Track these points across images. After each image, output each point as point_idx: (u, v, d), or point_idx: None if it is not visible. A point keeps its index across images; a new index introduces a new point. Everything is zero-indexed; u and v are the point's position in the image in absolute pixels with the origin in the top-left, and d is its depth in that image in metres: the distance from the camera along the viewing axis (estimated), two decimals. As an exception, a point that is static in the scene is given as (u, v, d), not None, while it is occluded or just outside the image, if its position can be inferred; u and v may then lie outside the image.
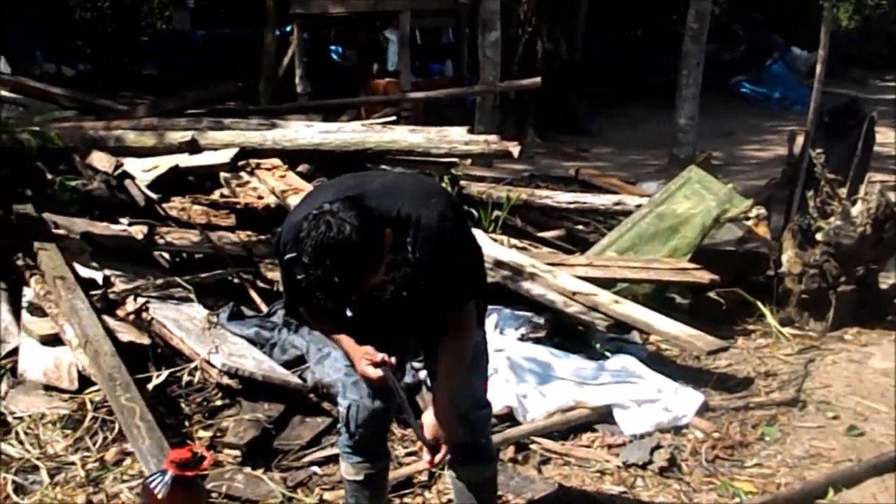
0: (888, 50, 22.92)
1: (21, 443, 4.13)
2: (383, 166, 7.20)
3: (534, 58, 14.76)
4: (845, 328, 6.04)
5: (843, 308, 6.04)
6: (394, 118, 7.56)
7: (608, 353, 5.29)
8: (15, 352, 4.73)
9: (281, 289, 5.23)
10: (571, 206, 7.33)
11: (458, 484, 3.32)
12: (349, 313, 3.00)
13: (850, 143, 7.93)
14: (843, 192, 6.29)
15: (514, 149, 6.15)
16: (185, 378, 4.60)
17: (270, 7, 13.37)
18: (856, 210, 6.07)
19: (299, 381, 4.61)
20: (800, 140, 7.41)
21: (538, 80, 8.96)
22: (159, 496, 3.18)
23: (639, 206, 6.76)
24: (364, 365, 2.92)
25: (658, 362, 5.31)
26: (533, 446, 4.40)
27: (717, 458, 4.37)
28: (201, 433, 4.33)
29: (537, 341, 5.25)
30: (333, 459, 4.18)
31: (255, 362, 4.61)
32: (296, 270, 2.64)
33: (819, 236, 6.05)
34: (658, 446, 4.40)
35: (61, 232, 5.48)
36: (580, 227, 7.67)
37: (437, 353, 2.97)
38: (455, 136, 6.44)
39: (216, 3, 19.33)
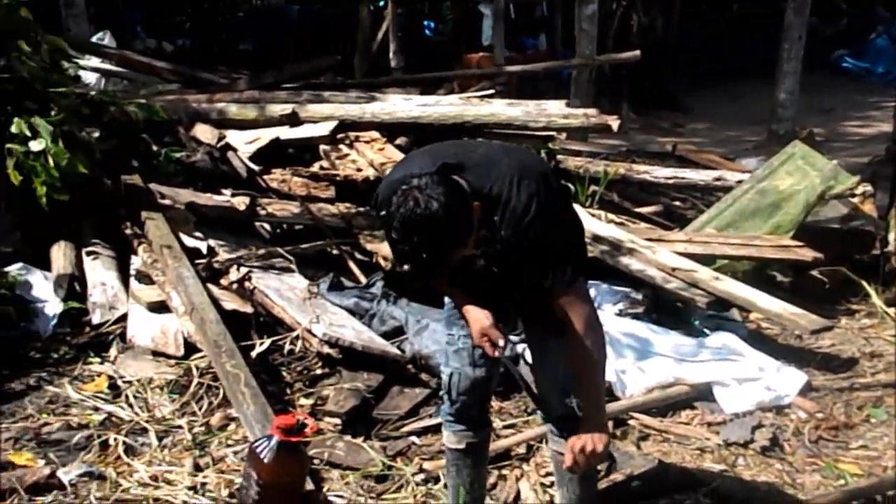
0: None
1: (130, 406, 4.27)
2: (480, 139, 7.22)
3: (628, 32, 14.55)
4: (953, 309, 5.85)
5: (951, 289, 5.86)
6: (492, 92, 7.54)
7: (707, 331, 5.22)
8: (124, 318, 4.87)
9: (380, 261, 5.36)
10: (670, 181, 7.22)
11: (558, 463, 3.31)
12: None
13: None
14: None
15: (614, 122, 6.09)
16: (287, 347, 4.69)
17: (365, -18, 13.44)
18: (968, 187, 5.87)
19: (398, 351, 4.66)
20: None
21: (637, 53, 8.85)
22: (265, 460, 3.26)
23: (740, 182, 6.63)
24: (481, 339, 2.94)
25: (759, 341, 5.22)
26: (631, 422, 4.37)
27: (820, 438, 4.28)
28: (302, 401, 4.41)
29: (635, 317, 5.21)
30: (432, 430, 4.23)
31: (354, 332, 4.67)
32: (388, 232, 2.68)
33: (928, 213, 5.86)
34: (759, 425, 4.34)
35: (167, 202, 5.61)
36: (677, 203, 7.56)
37: (537, 331, 2.98)
38: (553, 110, 6.40)
39: (311, -23, 19.46)
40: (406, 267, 2.76)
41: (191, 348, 4.67)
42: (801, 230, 6.07)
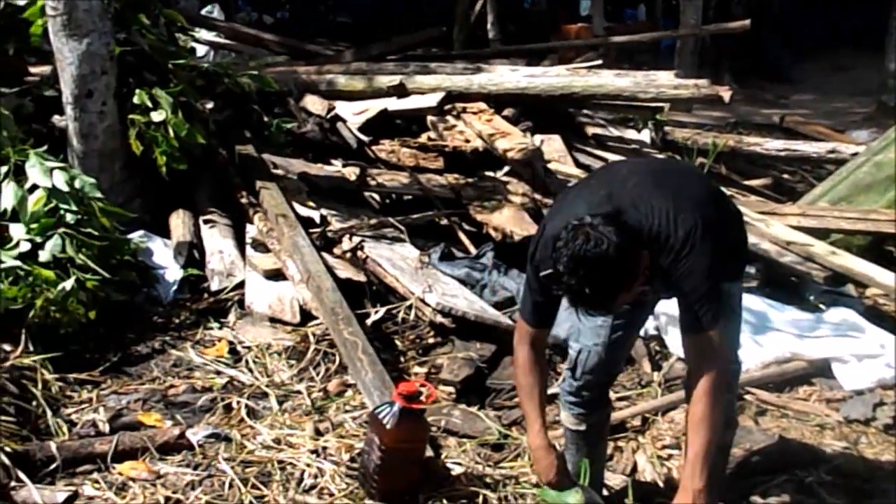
0: None
1: (251, 371, 4.36)
2: (586, 111, 7.18)
3: (729, 2, 14.26)
4: None
5: None
6: (599, 62, 7.47)
7: (822, 307, 5.11)
8: (241, 285, 4.97)
9: (490, 232, 5.37)
10: (781, 153, 7.08)
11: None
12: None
13: None
14: None
15: (725, 94, 5.98)
16: (400, 316, 4.74)
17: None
18: None
19: (511, 322, 4.66)
20: None
21: (747, 22, 8.64)
22: (388, 426, 3.30)
23: (854, 155, 6.46)
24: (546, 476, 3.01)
25: (877, 317, 5.08)
26: (748, 397, 4.32)
27: (947, 417, 4.18)
28: (416, 369, 4.46)
29: (748, 291, 5.12)
30: (548, 399, 4.24)
31: (467, 302, 4.70)
32: (550, 284, 2.70)
33: None
34: (881, 403, 4.25)
35: (279, 172, 5.71)
36: (786, 176, 7.41)
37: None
38: (663, 81, 6.31)
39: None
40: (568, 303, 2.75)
41: (306, 316, 4.74)
42: (920, 205, 5.90)
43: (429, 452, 3.59)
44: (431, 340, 4.67)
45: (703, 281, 2.74)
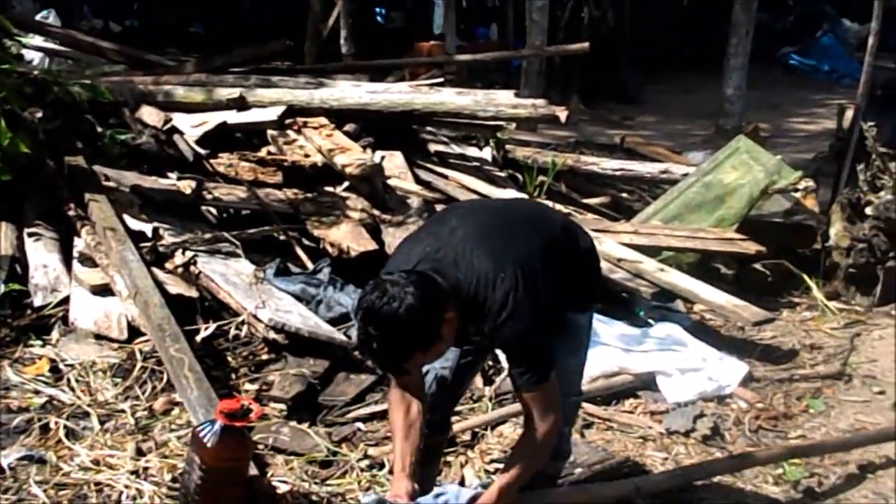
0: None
1: (72, 389, 4.19)
2: (429, 128, 7.22)
3: (579, 24, 14.63)
4: (892, 304, 5.98)
5: (890, 284, 5.97)
6: (441, 80, 7.53)
7: (651, 321, 5.28)
8: (66, 301, 4.78)
9: (327, 247, 5.33)
10: (617, 173, 7.30)
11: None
12: None
13: (901, 118, 7.83)
14: (894, 166, 6.20)
15: (562, 113, 6.12)
16: (232, 332, 4.65)
17: (316, -33, 13.33)
18: (907, 186, 5.99)
19: (345, 338, 4.65)
20: (849, 114, 7.29)
21: (586, 45, 8.87)
22: (208, 445, 3.22)
23: (685, 175, 6.72)
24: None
25: (702, 332, 5.30)
26: (576, 410, 4.41)
27: (760, 428, 4.37)
28: (247, 386, 4.38)
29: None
30: (377, 416, 4.24)
31: (301, 318, 4.65)
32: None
33: (869, 210, 5.98)
34: (701, 415, 4.41)
35: (111, 184, 5.53)
36: (625, 194, 7.63)
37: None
38: (502, 100, 6.41)
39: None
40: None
41: (134, 332, 4.60)
42: (744, 224, 6.18)
43: (254, 471, 3.53)
44: (264, 357, 4.59)
45: (523, 345, 2.77)
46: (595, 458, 3.86)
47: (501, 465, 3.17)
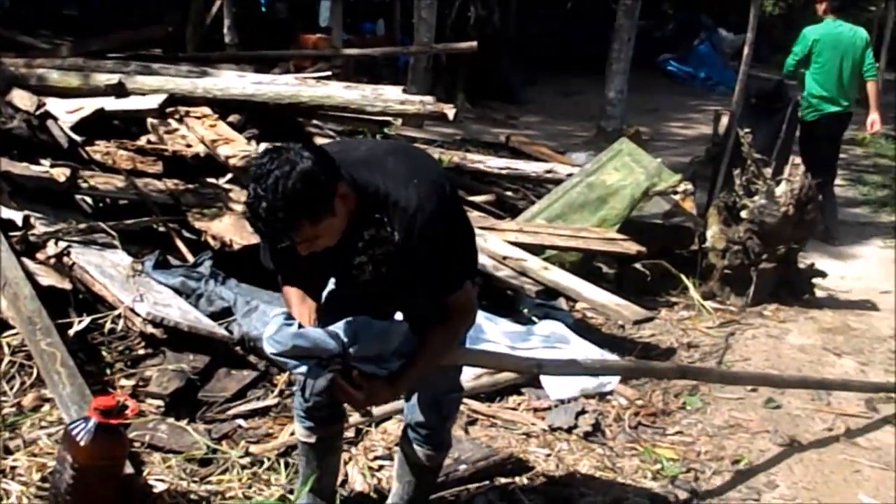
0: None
1: (-71, 386, 3.99)
2: (315, 121, 7.13)
3: (466, 23, 14.69)
4: (764, 304, 6.19)
5: (763, 285, 6.19)
6: (328, 74, 7.44)
7: (536, 319, 5.32)
8: (-75, 292, 4.54)
9: (209, 240, 5.20)
10: (503, 171, 7.34)
11: (404, 460, 3.29)
12: (331, 286, 2.96)
13: (775, 126, 8.14)
14: (767, 172, 6.43)
15: (450, 111, 6.12)
16: (108, 326, 4.48)
17: (200, -47, 13.03)
18: (780, 190, 6.20)
19: (226, 332, 4.53)
20: (724, 120, 7.50)
21: (474, 43, 8.91)
22: (81, 443, 3.09)
23: (569, 176, 6.80)
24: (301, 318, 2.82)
25: (584, 330, 5.37)
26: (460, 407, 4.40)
27: (640, 424, 4.44)
28: (123, 382, 4.22)
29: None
30: (259, 413, 4.17)
31: (180, 312, 4.51)
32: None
33: (744, 214, 6.17)
34: (583, 411, 4.46)
35: (-23, 170, 5.27)
36: (510, 193, 7.67)
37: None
38: (390, 95, 6.37)
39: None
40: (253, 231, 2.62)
41: (3, 326, 4.40)
42: (626, 224, 6.29)
43: (130, 469, 3.41)
44: (142, 352, 4.44)
45: (440, 244, 2.67)
46: (479, 455, 3.86)
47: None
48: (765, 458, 4.21)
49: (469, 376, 4.58)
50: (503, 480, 3.80)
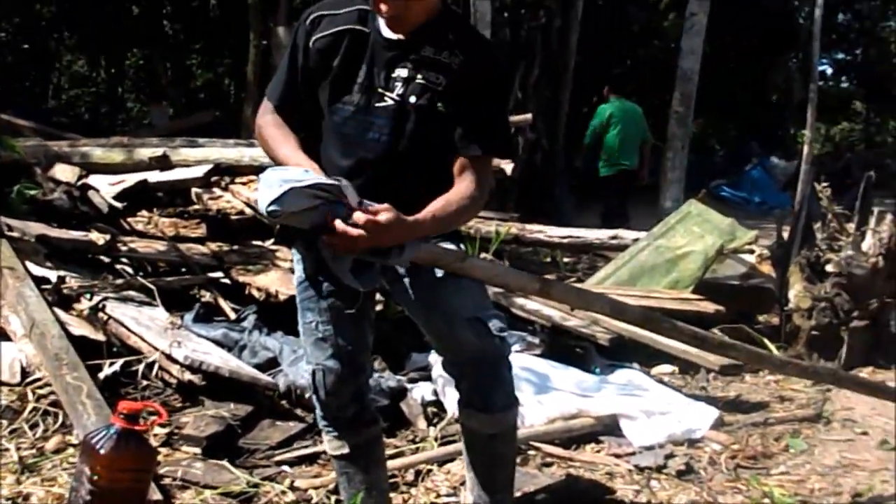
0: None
1: (-51, 429, 3.60)
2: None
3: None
4: (858, 369, 5.61)
5: (855, 346, 5.61)
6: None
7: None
8: (-48, 343, 4.20)
9: (253, 293, 4.85)
10: (564, 240, 6.94)
11: (468, 442, 2.79)
12: (339, 118, 2.56)
13: (848, 201, 7.69)
14: (850, 227, 5.97)
15: (508, 166, 5.83)
16: (142, 376, 4.08)
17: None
18: (866, 243, 5.73)
19: (270, 380, 4.11)
20: (786, 228, 7.02)
21: (529, 116, 8.69)
22: (101, 451, 2.68)
23: (636, 241, 6.39)
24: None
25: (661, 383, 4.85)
26: (532, 452, 3.89)
27: (738, 466, 3.88)
28: (157, 430, 3.79)
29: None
30: (306, 460, 3.69)
31: (221, 359, 4.12)
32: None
33: (829, 267, 5.67)
34: (671, 455, 3.92)
35: (15, 234, 5.02)
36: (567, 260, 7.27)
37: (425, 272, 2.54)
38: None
39: None
40: None
41: (28, 377, 4.03)
42: (700, 287, 5.84)
43: (157, 496, 2.97)
44: (178, 405, 4.03)
45: (498, 95, 2.53)
46: (558, 484, 3.36)
47: None
48: (889, 492, 3.62)
49: (541, 420, 4.11)
50: (588, 512, 3.27)
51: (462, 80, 2.44)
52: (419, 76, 2.45)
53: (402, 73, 2.46)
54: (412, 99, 2.46)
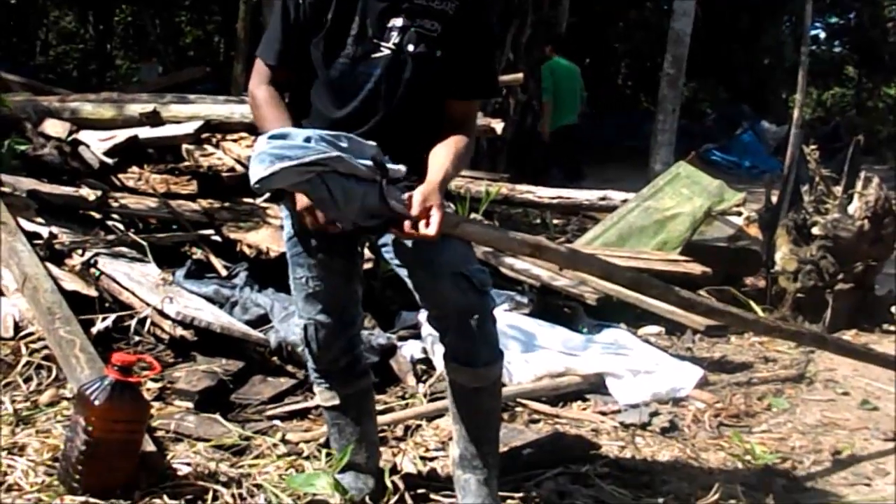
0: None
1: (-57, 381, 3.63)
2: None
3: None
4: (842, 331, 5.68)
5: (840, 309, 5.69)
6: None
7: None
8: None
9: (244, 249, 4.88)
10: (553, 201, 6.97)
11: (453, 393, 2.82)
12: (334, 71, 2.59)
13: (838, 165, 7.72)
14: (837, 189, 6.02)
15: (498, 125, 5.86)
16: (133, 334, 4.12)
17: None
18: (853, 206, 5.78)
19: (261, 336, 4.15)
20: (775, 192, 7.06)
21: (520, 75, 8.68)
22: (96, 402, 2.72)
23: (624, 202, 6.43)
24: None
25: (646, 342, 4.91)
26: (519, 409, 3.96)
27: (721, 424, 3.96)
28: (149, 385, 3.83)
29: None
30: (298, 414, 3.74)
31: (213, 315, 4.16)
32: None
33: (816, 230, 5.73)
34: (656, 413, 3.99)
35: (6, 189, 5.02)
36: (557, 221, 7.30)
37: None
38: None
39: None
40: None
41: (21, 331, 4.05)
42: (688, 248, 5.89)
43: (151, 447, 3.01)
44: (170, 360, 4.06)
45: (488, 40, 2.65)
46: (544, 439, 3.43)
47: None
48: (869, 451, 3.70)
49: (528, 378, 4.17)
50: (573, 467, 3.33)
51: (456, 25, 2.52)
52: (414, 25, 2.51)
53: (396, 22, 2.52)
54: (410, 47, 2.52)
